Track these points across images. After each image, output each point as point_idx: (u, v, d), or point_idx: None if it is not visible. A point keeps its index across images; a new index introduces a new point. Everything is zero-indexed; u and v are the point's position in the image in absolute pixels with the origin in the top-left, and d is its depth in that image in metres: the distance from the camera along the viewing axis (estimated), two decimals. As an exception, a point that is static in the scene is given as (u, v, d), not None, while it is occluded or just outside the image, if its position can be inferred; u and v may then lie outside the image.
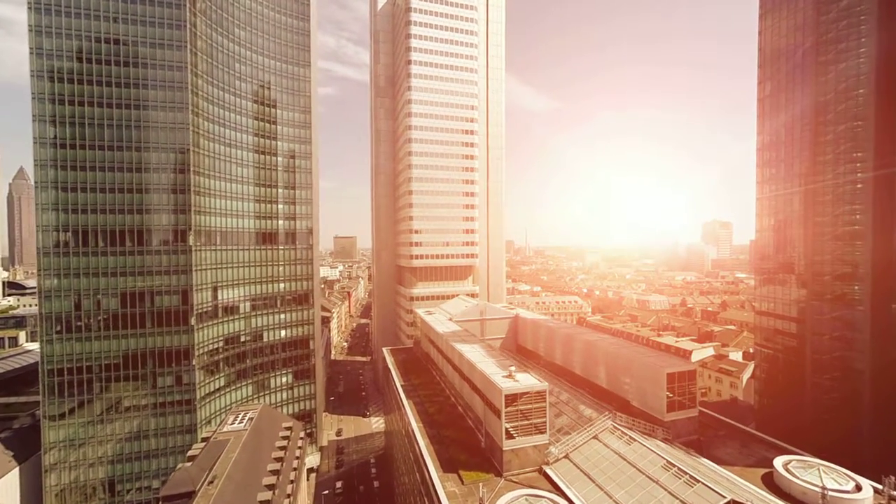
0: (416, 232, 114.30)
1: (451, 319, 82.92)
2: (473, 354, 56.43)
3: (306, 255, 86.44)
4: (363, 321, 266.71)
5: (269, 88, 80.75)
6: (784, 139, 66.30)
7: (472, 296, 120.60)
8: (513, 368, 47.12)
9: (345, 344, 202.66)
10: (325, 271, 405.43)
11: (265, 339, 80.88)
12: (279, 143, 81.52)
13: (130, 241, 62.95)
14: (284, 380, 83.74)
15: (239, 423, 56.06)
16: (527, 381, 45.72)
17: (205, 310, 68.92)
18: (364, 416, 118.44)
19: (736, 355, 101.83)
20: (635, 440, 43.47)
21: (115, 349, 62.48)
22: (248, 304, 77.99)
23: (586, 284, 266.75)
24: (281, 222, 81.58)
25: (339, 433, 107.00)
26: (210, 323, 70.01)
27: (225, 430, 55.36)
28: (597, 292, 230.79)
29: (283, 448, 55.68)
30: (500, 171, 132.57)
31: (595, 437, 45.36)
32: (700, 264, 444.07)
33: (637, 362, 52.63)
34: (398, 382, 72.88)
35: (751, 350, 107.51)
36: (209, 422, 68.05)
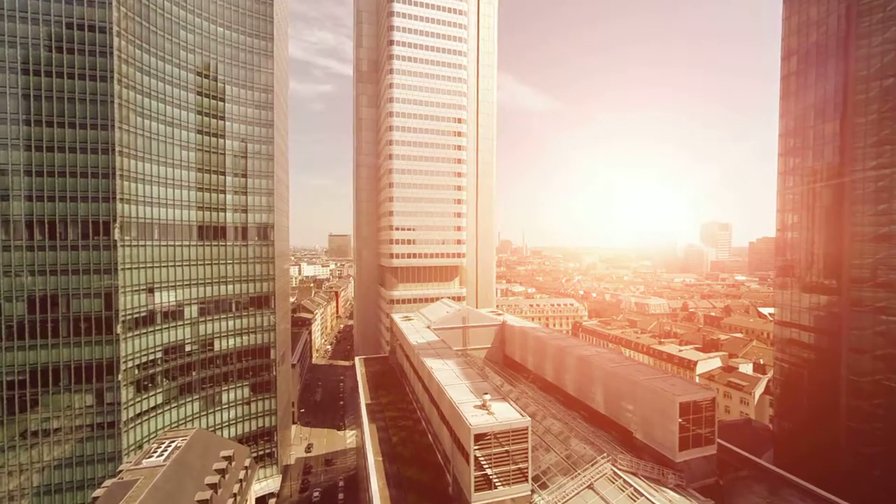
0: (397, 229, 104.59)
1: (429, 327, 73.41)
2: (444, 374, 46.80)
3: (266, 252, 76.43)
4: (351, 322, 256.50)
5: (221, 62, 70.66)
6: (813, 122, 56.87)
7: (459, 299, 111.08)
8: (487, 397, 37.49)
9: (328, 347, 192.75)
10: (315, 270, 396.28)
11: (216, 349, 70.91)
12: (229, 123, 71.36)
13: (40, 233, 53.02)
14: (239, 394, 73.79)
15: (159, 455, 46.21)
16: (505, 413, 36.17)
17: (136, 316, 58.96)
18: (339, 428, 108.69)
19: (746, 367, 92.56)
20: (642, 493, 33.92)
21: (20, 363, 52.47)
22: (194, 308, 67.99)
23: (583, 286, 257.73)
24: (231, 215, 71.38)
25: (308, 449, 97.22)
26: (143, 331, 60.07)
27: (143, 463, 45.49)
28: (594, 294, 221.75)
29: (213, 486, 45.86)
30: (491, 168, 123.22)
31: (590, 487, 35.80)
32: (699, 266, 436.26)
33: (642, 387, 43.15)
34: (363, 400, 63.24)
35: (761, 361, 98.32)
36: (140, 447, 58.21)
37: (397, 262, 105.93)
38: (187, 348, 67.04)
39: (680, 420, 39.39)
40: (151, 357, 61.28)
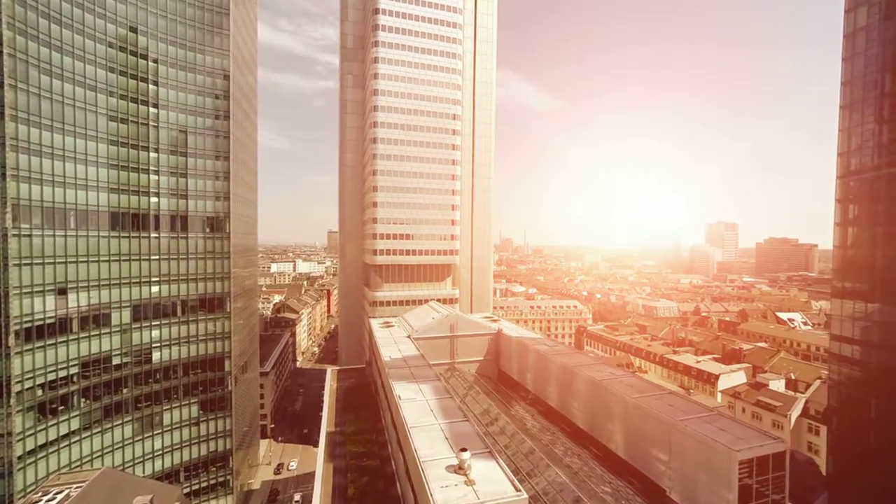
0: (381, 222, 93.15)
1: (409, 337, 62.08)
2: (414, 408, 35.35)
3: (220, 246, 64.99)
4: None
5: (162, 16, 58.98)
6: (892, 87, 45.06)
7: (451, 301, 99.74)
8: (467, 456, 25.89)
9: (315, 349, 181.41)
10: (310, 266, 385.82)
11: (154, 360, 59.64)
12: (173, 92, 59.44)
13: None
14: (185, 413, 62.53)
15: (34, 513, 34.80)
16: (491, 483, 24.67)
17: (37, 323, 47.66)
18: (317, 444, 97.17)
19: (777, 384, 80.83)
20: None
21: None
22: (125, 312, 56.66)
23: (586, 287, 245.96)
24: (166, 201, 59.53)
25: (278, 470, 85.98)
26: (50, 342, 48.82)
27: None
28: (598, 296, 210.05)
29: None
30: (490, 157, 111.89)
31: None
32: (705, 267, 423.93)
33: (680, 431, 31.67)
34: (325, 427, 52.02)
35: (793, 376, 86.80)
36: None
37: (381, 260, 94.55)
38: (116, 361, 55.74)
39: (740, 483, 28.04)
40: (63, 374, 49.99)
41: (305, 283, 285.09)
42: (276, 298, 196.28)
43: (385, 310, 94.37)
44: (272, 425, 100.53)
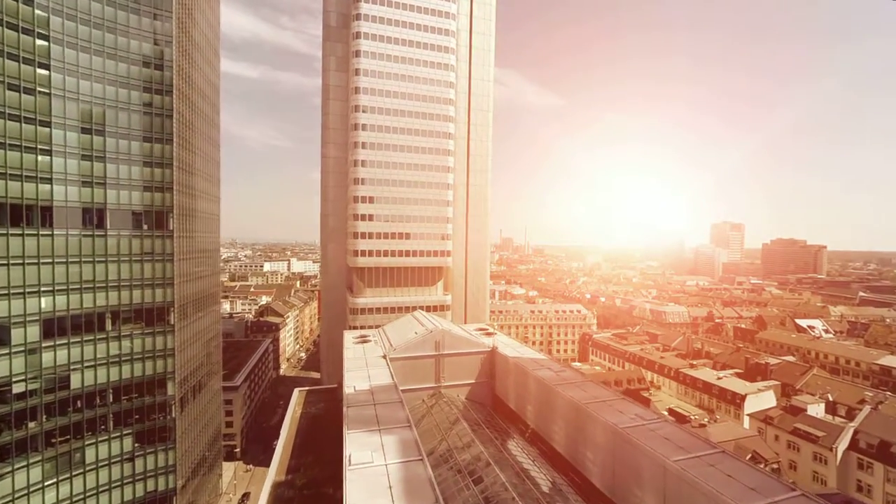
0: (364, 219, 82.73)
1: (385, 356, 51.53)
2: (362, 483, 24.86)
3: (161, 246, 54.41)
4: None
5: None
6: None
7: (443, 308, 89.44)
8: None
9: (303, 355, 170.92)
10: (304, 266, 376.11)
11: (73, 386, 49.14)
12: (72, 51, 48.27)
13: None
14: (116, 448, 52.09)
15: None
16: None
17: None
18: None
19: (816, 408, 70.18)
20: None
21: None
22: (32, 328, 46.15)
23: (589, 288, 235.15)
24: (78, 190, 48.80)
25: (243, 501, 75.56)
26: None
27: None
28: (602, 299, 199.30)
29: None
30: (487, 147, 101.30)
31: None
32: (710, 268, 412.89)
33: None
34: (273, 475, 41.56)
35: (830, 398, 76.16)
36: None
37: (364, 262, 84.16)
38: (19, 388, 45.30)
39: None
40: (-63, 408, 39.64)
41: (298, 282, 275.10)
42: (265, 300, 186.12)
43: (368, 318, 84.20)
44: (238, 448, 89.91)
